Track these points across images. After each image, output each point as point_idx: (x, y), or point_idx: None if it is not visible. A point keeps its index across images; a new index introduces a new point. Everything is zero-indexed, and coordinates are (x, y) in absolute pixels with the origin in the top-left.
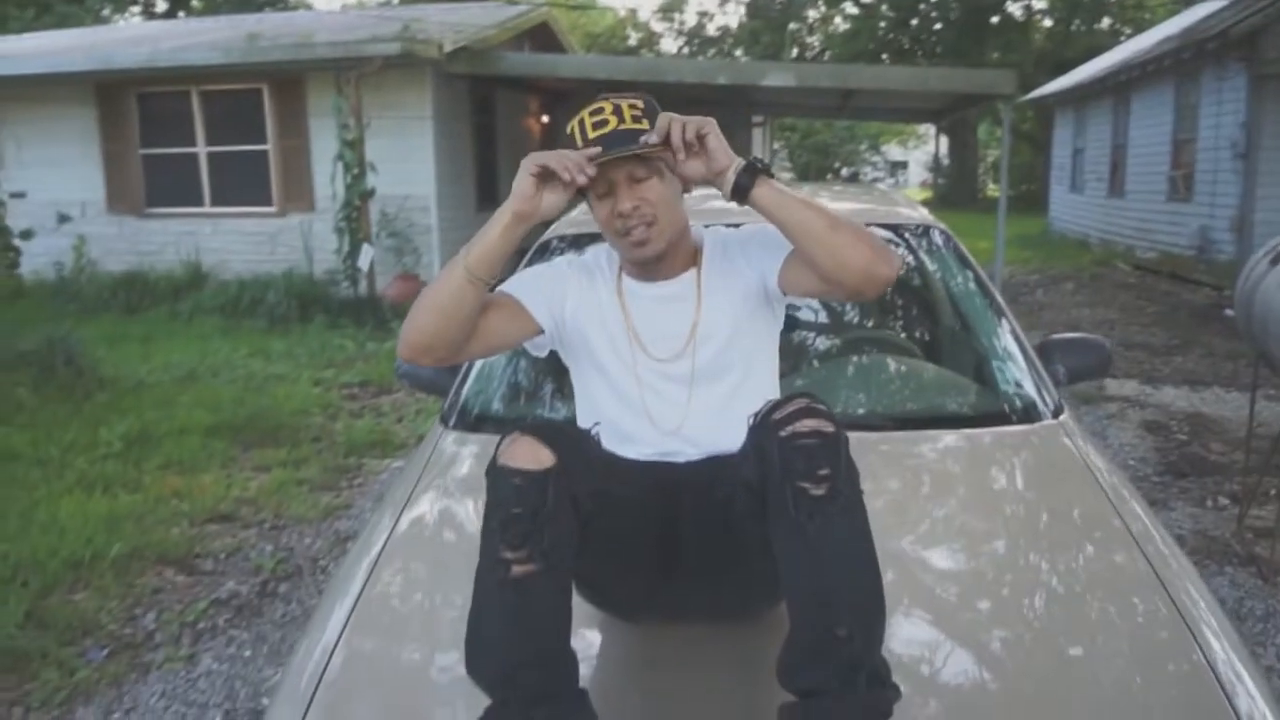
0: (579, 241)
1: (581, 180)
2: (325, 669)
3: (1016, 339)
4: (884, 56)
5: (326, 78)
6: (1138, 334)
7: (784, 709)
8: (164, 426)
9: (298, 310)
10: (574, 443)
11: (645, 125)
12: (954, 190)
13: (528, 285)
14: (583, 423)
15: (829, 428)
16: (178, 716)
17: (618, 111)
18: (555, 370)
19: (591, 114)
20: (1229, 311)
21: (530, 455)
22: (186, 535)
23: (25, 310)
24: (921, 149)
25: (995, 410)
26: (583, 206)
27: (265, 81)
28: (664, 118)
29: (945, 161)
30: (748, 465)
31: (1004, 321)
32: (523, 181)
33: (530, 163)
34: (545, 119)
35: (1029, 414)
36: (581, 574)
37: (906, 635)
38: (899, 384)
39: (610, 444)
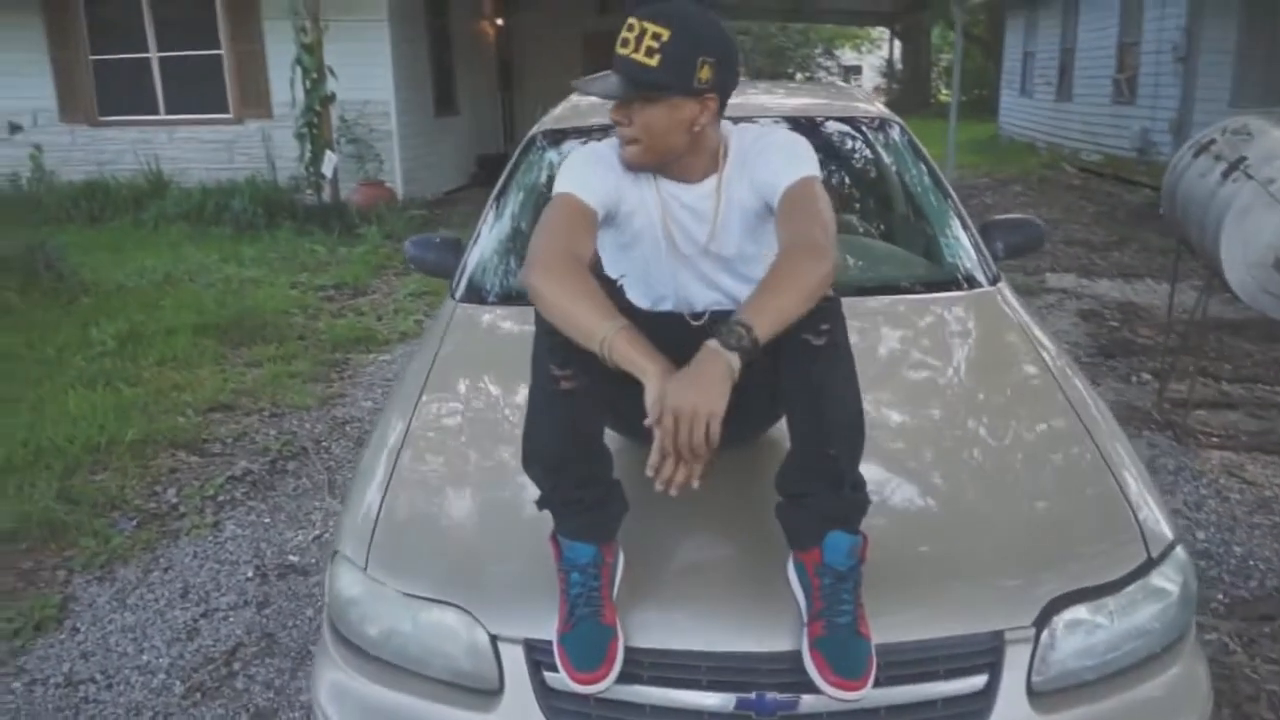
0: (558, 137)
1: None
2: (380, 510)
3: (960, 219)
4: None
5: None
6: (1079, 232)
7: (781, 507)
8: (152, 326)
9: (264, 217)
10: (610, 287)
11: (653, 62)
12: (906, 95)
13: (596, 192)
14: (608, 273)
15: (830, 292)
16: (213, 572)
17: (640, 38)
18: None
19: (625, 28)
20: (1163, 211)
21: None
22: (192, 422)
23: None
24: (875, 54)
25: (941, 279)
26: (566, 103)
27: None
28: (662, 440)
29: (898, 66)
30: None
31: (950, 204)
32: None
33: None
34: (500, 21)
35: (971, 282)
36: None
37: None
38: (856, 260)
39: (631, 295)
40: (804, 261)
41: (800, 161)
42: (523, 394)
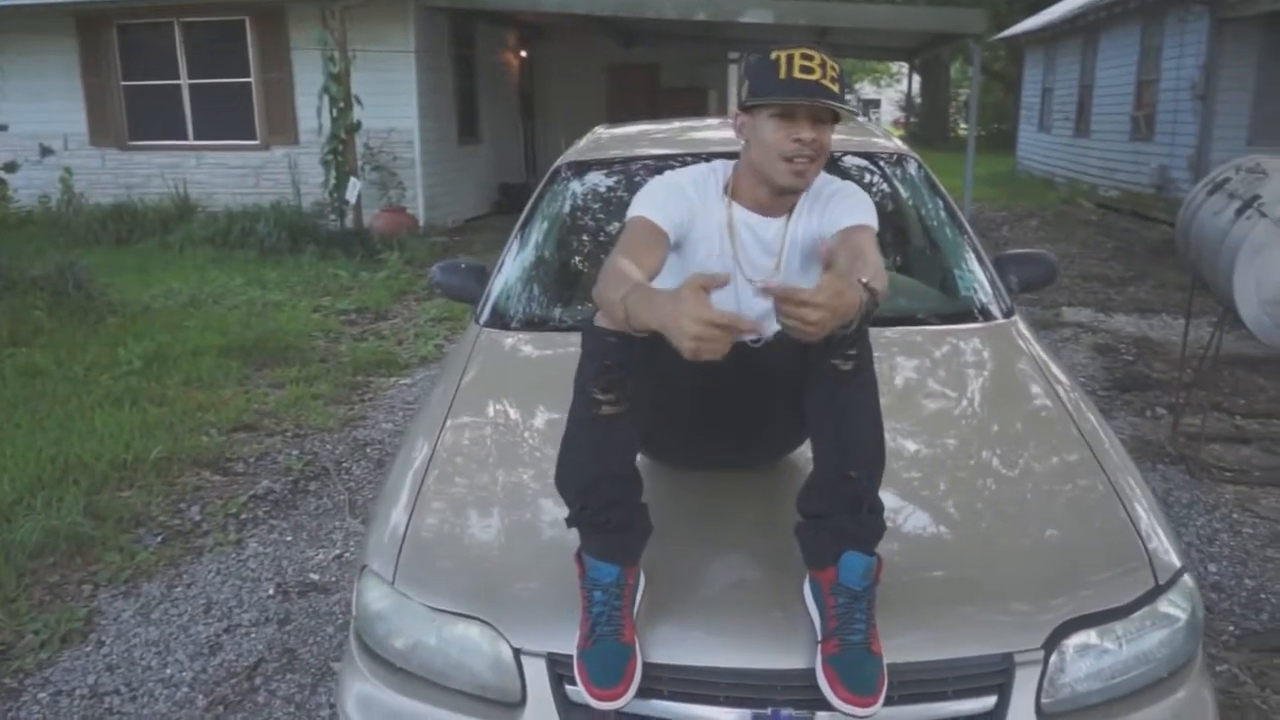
0: (579, 168)
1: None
2: (408, 526)
3: (976, 253)
4: None
5: (308, 10)
6: (1095, 267)
7: (800, 526)
8: (178, 347)
9: (288, 241)
10: None
11: (838, 89)
12: (925, 129)
13: (668, 214)
14: None
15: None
16: (235, 588)
17: (824, 66)
18: (570, 271)
19: (803, 57)
20: None
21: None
22: (216, 442)
23: (21, 241)
24: (894, 87)
25: (956, 311)
26: (590, 136)
27: (247, 14)
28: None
29: (918, 100)
30: (788, 346)
31: (966, 239)
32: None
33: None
34: (524, 53)
35: (986, 314)
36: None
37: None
38: None
39: None
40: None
41: (866, 212)
42: (546, 417)
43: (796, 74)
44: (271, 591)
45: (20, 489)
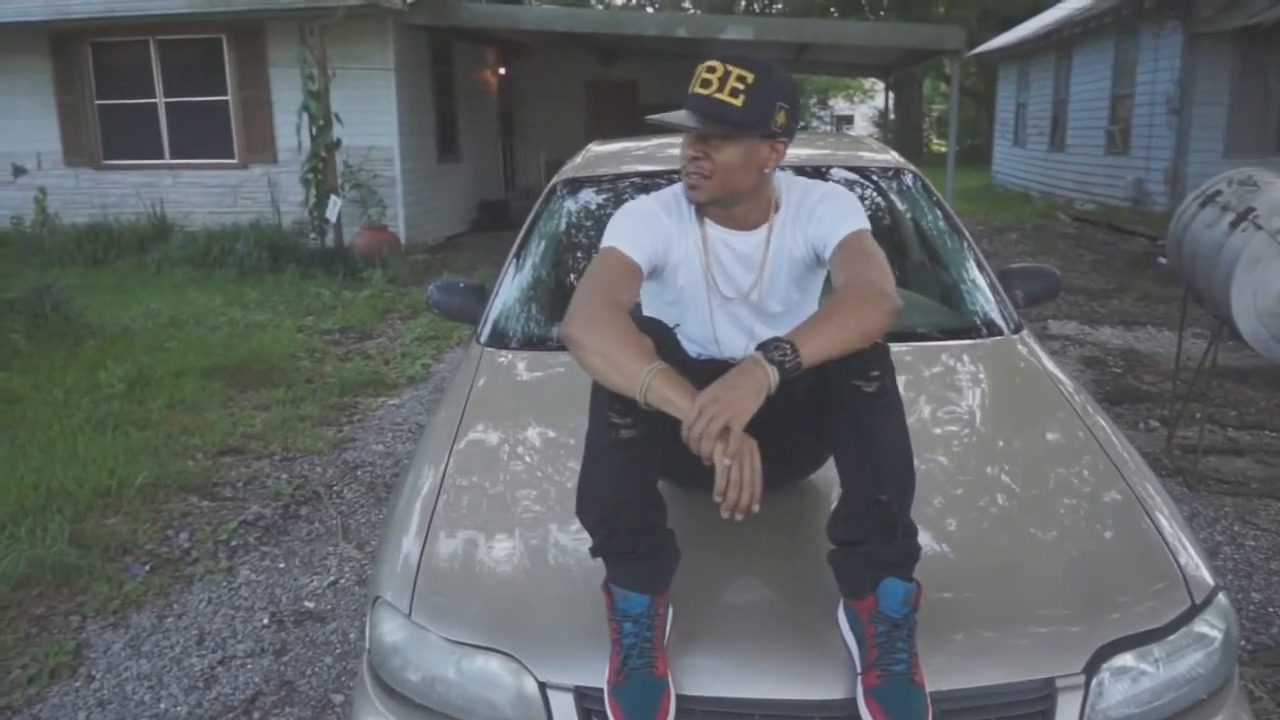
0: (575, 185)
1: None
2: (422, 556)
3: (980, 267)
4: (832, 10)
5: (286, 28)
6: (1077, 280)
7: (833, 554)
8: (160, 369)
9: (269, 261)
10: (667, 335)
11: (738, 102)
12: (899, 145)
13: (642, 246)
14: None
15: (879, 339)
16: (228, 619)
17: (724, 79)
18: (573, 289)
19: (707, 70)
20: (1162, 259)
21: None
22: (203, 466)
23: None
24: (867, 103)
25: (963, 327)
26: (584, 152)
27: (224, 31)
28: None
29: (891, 116)
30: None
31: (969, 252)
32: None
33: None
34: (502, 71)
35: (995, 329)
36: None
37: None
38: None
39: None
40: (864, 300)
41: (853, 215)
42: (559, 438)
43: (696, 88)
44: (266, 621)
45: (2, 517)
